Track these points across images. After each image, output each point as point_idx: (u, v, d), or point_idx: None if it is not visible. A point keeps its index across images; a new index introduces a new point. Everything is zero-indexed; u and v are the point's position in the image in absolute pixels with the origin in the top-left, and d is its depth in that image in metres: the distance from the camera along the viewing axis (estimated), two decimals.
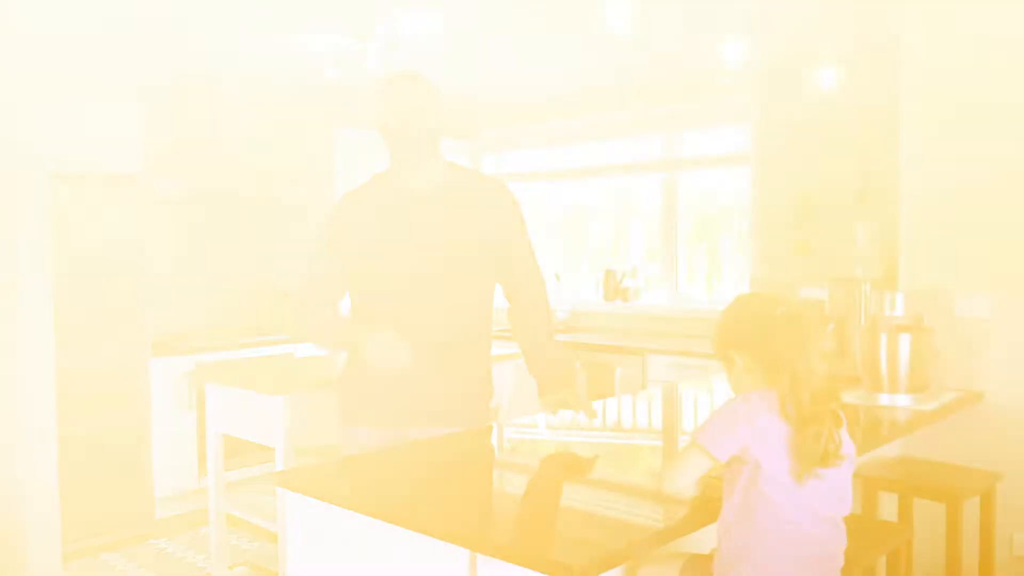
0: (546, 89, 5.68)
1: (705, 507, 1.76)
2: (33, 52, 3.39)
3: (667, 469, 1.75)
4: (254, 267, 5.71)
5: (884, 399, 2.86)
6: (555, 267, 5.71)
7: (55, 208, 3.75)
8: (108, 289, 4.32)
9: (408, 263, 2.32)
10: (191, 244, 5.39)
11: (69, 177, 4.23)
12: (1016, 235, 2.99)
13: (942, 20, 3.13)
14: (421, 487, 1.97)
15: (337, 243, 2.39)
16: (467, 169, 2.46)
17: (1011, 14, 2.98)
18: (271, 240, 5.78)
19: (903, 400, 2.84)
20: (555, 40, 4.57)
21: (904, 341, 2.83)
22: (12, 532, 3.17)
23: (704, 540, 2.16)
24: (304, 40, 4.42)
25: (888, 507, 2.95)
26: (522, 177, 6.01)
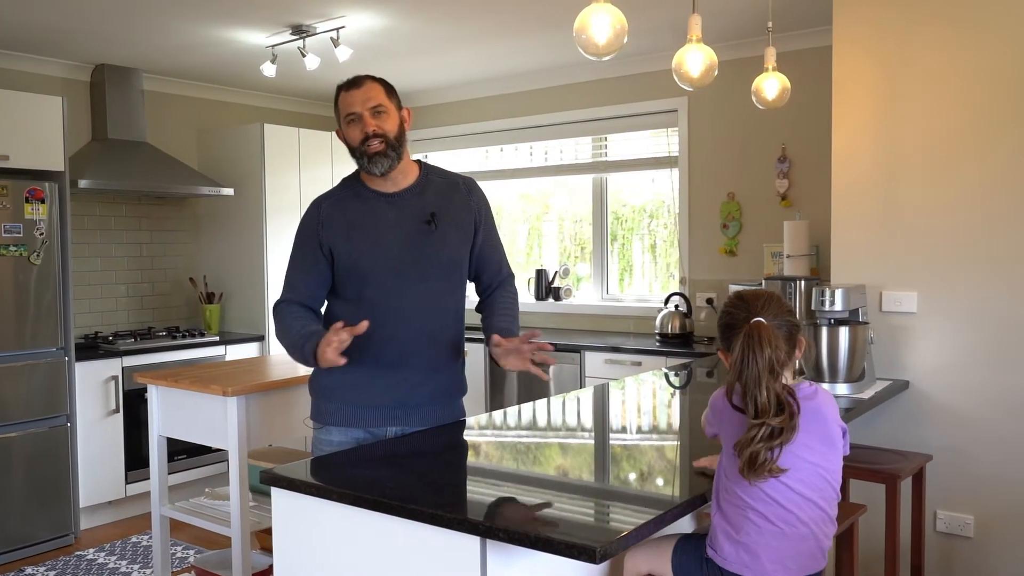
0: (477, 90, 5.74)
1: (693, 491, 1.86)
2: None
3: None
4: (179, 267, 5.54)
5: (824, 388, 3.04)
6: None
7: None
8: (29, 290, 4.12)
9: (382, 267, 2.32)
10: (113, 243, 5.19)
11: None
12: (939, 234, 3.23)
13: (871, 27, 3.35)
14: (415, 481, 1.99)
15: (311, 246, 2.37)
16: (435, 168, 2.48)
17: (930, 19, 3.22)
18: (196, 239, 5.63)
19: (842, 389, 3.03)
20: (488, 43, 4.64)
21: (843, 334, 3.02)
22: None
23: (683, 523, 2.27)
24: (239, 36, 4.34)
25: None
26: None
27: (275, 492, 2.03)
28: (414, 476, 2.03)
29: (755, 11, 4.04)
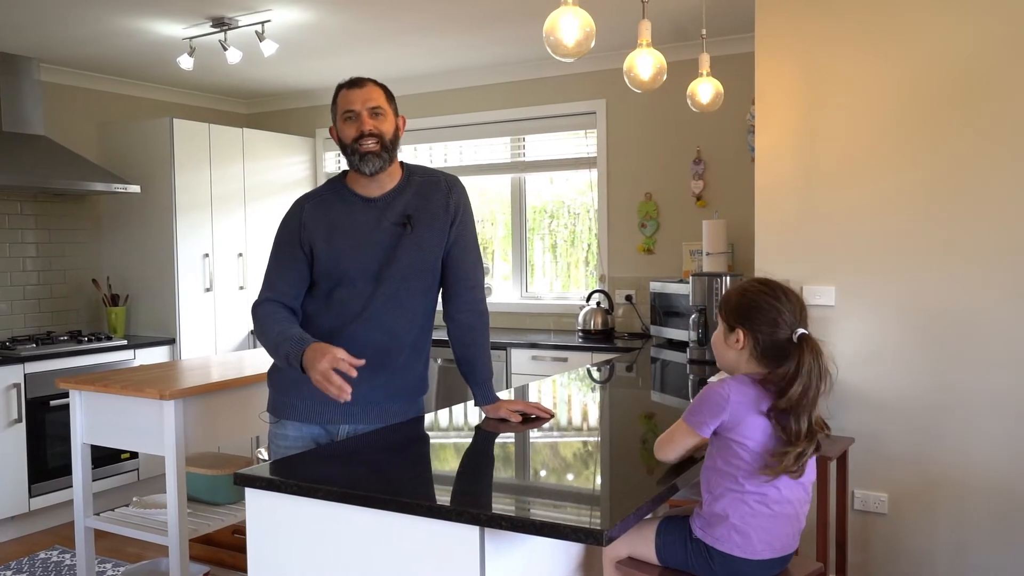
0: (396, 89, 5.70)
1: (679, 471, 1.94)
2: None
3: (660, 443, 1.94)
4: (80, 268, 5.26)
5: None
6: None
7: None
8: None
9: (358, 272, 2.31)
10: (8, 243, 4.88)
11: None
12: (855, 232, 3.46)
13: (792, 37, 3.55)
14: (391, 475, 1.98)
15: (291, 245, 2.33)
16: (418, 168, 2.47)
17: (847, 32, 3.45)
18: (99, 239, 5.36)
19: None
20: (410, 42, 4.63)
21: None
22: None
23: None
24: (153, 27, 4.17)
25: None
26: None
27: (250, 494, 1.98)
28: (386, 471, 2.01)
29: (675, 18, 4.20)
